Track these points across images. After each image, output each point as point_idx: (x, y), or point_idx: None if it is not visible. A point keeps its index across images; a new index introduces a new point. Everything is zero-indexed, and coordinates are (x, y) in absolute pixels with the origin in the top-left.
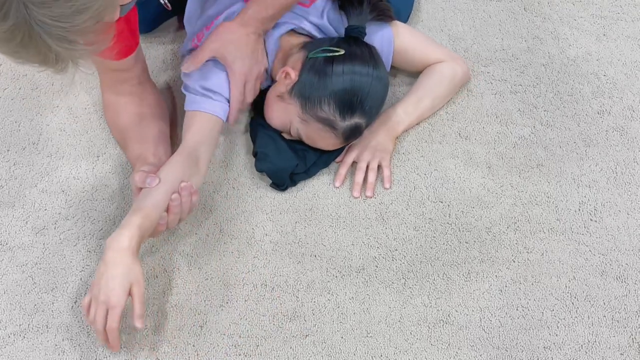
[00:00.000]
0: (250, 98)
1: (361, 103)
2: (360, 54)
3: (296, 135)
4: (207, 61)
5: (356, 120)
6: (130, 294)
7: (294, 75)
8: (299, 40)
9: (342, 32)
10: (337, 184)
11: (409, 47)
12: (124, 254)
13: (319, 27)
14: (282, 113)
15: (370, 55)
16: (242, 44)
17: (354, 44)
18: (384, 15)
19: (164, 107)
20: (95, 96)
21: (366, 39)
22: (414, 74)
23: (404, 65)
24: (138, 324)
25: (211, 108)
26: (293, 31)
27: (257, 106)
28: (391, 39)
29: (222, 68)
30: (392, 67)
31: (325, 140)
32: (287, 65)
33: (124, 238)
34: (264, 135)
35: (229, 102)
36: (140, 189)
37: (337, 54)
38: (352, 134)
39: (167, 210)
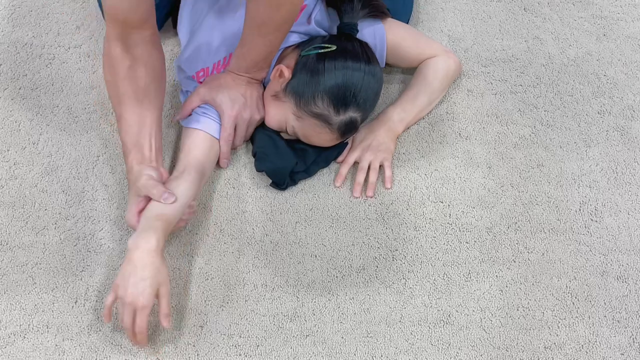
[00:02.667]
0: (239, 142)
1: (355, 97)
2: (352, 50)
3: (292, 134)
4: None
5: (351, 114)
6: (157, 294)
7: (287, 73)
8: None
9: (333, 32)
10: (338, 183)
11: (401, 42)
12: (153, 255)
13: (307, 34)
14: (278, 112)
15: (362, 51)
16: (231, 87)
17: (346, 40)
18: (377, 12)
19: (164, 78)
20: (95, 96)
21: (358, 36)
22: (408, 71)
23: (398, 61)
24: (166, 323)
25: (212, 128)
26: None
27: None
28: (383, 35)
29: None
30: (387, 64)
31: (320, 136)
32: (282, 63)
33: (153, 240)
34: (263, 135)
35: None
36: (147, 198)
37: (328, 50)
38: (348, 129)
39: (179, 222)
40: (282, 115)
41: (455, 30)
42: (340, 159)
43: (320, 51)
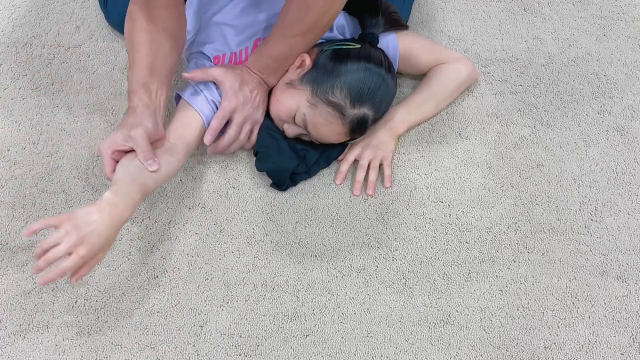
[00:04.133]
0: (227, 140)
1: (372, 95)
2: (375, 54)
3: (301, 123)
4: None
5: (365, 110)
6: (93, 254)
7: (308, 61)
8: None
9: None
10: (338, 181)
11: (412, 51)
12: (118, 225)
13: (328, 39)
14: (290, 99)
15: (384, 59)
16: (244, 81)
17: (369, 45)
18: (397, 26)
19: (182, 41)
20: (95, 96)
21: None
22: (419, 76)
23: (409, 69)
24: (74, 281)
25: (207, 114)
26: None
27: None
28: (396, 45)
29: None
30: (398, 72)
31: (331, 126)
32: (304, 53)
33: (128, 211)
34: (265, 134)
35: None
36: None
37: (352, 47)
38: (358, 126)
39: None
40: (294, 102)
41: (455, 30)
42: (340, 157)
43: (344, 47)
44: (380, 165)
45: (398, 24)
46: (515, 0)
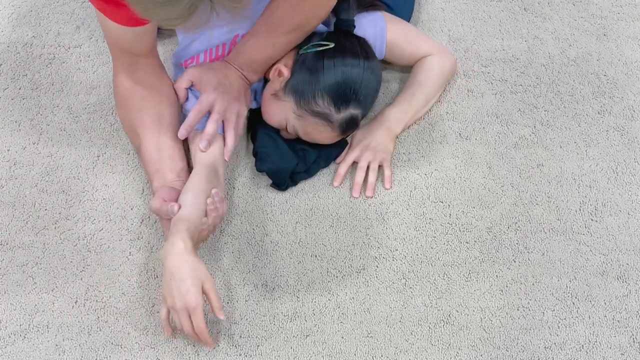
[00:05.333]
0: (211, 127)
1: (355, 94)
2: (350, 47)
3: (293, 132)
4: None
5: (351, 111)
6: (203, 291)
7: (286, 72)
8: None
9: (330, 28)
10: (336, 183)
11: (398, 38)
12: (183, 255)
13: None
14: (278, 111)
15: (360, 47)
16: (221, 72)
17: (343, 37)
18: (372, 5)
19: (177, 101)
20: (95, 96)
21: (359, 28)
22: (406, 69)
23: (394, 58)
24: (221, 316)
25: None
26: None
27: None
28: (384, 25)
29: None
30: (383, 61)
31: (322, 134)
32: (280, 63)
33: (178, 242)
34: (264, 135)
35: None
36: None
37: (326, 47)
38: (349, 126)
39: (206, 214)
40: (282, 114)
41: (455, 30)
42: (339, 159)
43: (318, 49)
44: (380, 166)
45: (372, 3)
46: (515, 0)
